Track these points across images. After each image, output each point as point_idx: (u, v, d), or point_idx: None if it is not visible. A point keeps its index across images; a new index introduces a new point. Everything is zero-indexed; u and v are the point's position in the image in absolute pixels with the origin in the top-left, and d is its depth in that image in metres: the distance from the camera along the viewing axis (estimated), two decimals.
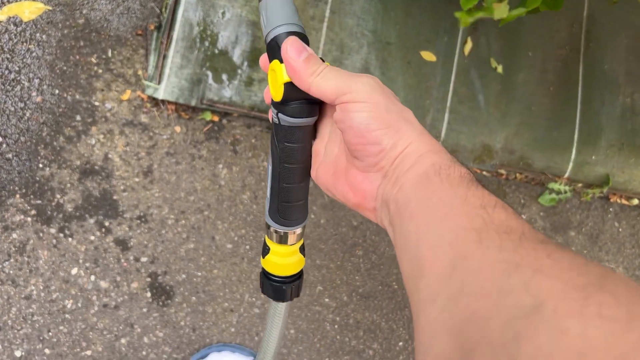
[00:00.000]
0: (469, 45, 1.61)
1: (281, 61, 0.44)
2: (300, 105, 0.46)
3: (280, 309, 0.62)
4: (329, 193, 0.49)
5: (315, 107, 0.47)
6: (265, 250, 0.56)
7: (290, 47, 0.43)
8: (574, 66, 1.69)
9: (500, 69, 1.62)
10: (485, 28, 1.62)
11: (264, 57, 0.49)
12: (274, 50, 0.45)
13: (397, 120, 0.42)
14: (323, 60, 0.45)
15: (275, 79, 0.45)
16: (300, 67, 0.43)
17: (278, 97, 0.45)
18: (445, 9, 1.61)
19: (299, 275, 0.58)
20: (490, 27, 1.63)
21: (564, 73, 1.68)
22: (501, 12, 0.92)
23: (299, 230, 0.54)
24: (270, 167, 0.50)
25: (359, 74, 0.44)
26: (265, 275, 0.58)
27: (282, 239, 0.54)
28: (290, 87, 0.44)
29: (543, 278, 0.26)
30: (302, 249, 0.57)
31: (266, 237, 0.56)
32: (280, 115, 0.46)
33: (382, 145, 0.42)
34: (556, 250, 0.29)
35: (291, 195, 0.50)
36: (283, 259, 0.55)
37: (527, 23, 1.61)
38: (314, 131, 0.50)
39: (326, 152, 0.48)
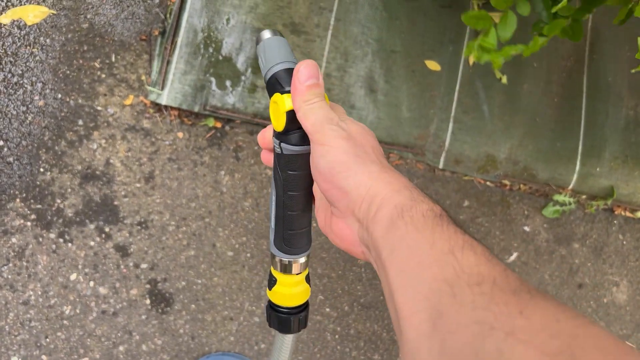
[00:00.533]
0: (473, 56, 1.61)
1: (282, 93, 0.46)
2: (301, 133, 0.48)
3: (287, 341, 0.61)
4: (324, 233, 0.50)
5: None
6: (272, 282, 0.56)
7: (305, 68, 0.45)
8: (578, 78, 1.69)
9: (504, 79, 1.63)
10: None
11: (261, 135, 0.53)
12: (274, 86, 0.48)
13: (356, 163, 0.43)
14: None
15: (277, 110, 0.47)
16: (301, 90, 0.45)
17: (280, 127, 0.47)
18: (450, 19, 1.62)
19: (305, 306, 0.58)
20: None
21: (568, 84, 1.68)
22: (533, 48, 0.93)
23: (303, 259, 0.54)
24: (274, 196, 0.51)
25: (338, 120, 0.45)
26: (271, 307, 0.57)
27: (287, 269, 0.54)
28: (291, 115, 0.46)
29: (516, 344, 0.26)
30: (307, 279, 0.57)
31: (272, 269, 0.56)
32: (282, 144, 0.48)
33: (345, 189, 0.43)
34: (529, 302, 0.29)
35: (296, 223, 0.51)
36: (289, 289, 0.55)
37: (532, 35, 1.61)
38: None
39: (320, 196, 0.50)
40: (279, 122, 0.47)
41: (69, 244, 1.37)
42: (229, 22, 1.49)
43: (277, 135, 0.49)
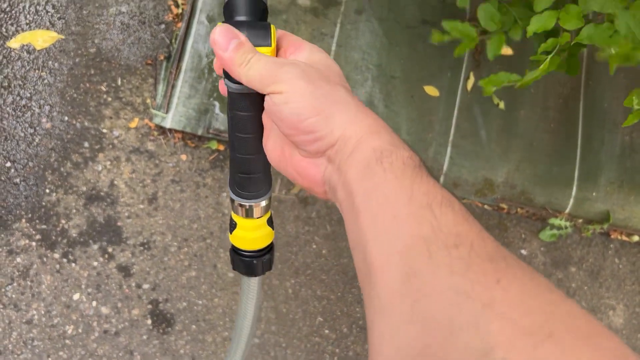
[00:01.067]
0: (471, 81, 1.66)
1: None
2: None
3: (252, 284, 0.59)
4: (281, 172, 0.46)
5: None
6: (232, 226, 0.54)
7: (220, 35, 0.41)
8: (574, 104, 1.73)
9: (502, 105, 1.67)
10: (487, 65, 1.67)
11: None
12: (224, 14, 0.45)
13: (327, 104, 0.39)
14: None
15: None
16: (230, 58, 0.41)
17: None
18: (449, 46, 1.66)
19: (269, 249, 0.56)
20: (493, 64, 1.68)
21: (564, 110, 1.73)
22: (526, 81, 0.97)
23: (264, 203, 0.52)
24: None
25: (285, 61, 0.42)
26: (234, 251, 0.56)
27: (248, 213, 0.51)
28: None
29: (494, 318, 0.26)
30: (270, 222, 0.55)
31: (232, 212, 0.54)
32: (226, 81, 0.44)
33: (316, 134, 0.39)
34: (505, 271, 0.29)
35: (247, 167, 0.49)
36: (251, 233, 0.53)
37: (529, 61, 1.66)
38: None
39: (273, 127, 0.45)
40: None
41: (73, 264, 1.40)
42: None
43: (224, 71, 0.44)
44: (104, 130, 1.47)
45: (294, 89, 0.39)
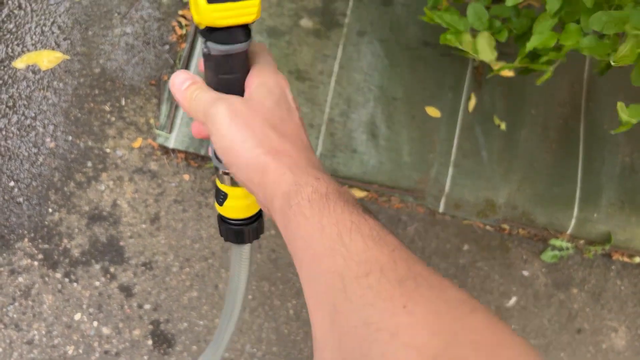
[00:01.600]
0: (473, 102, 1.68)
1: None
2: (234, 29, 0.42)
3: (244, 252, 0.59)
4: None
5: (249, 30, 0.44)
6: (221, 196, 0.54)
7: (174, 79, 0.47)
8: (574, 124, 1.75)
9: (503, 125, 1.69)
10: (489, 85, 1.69)
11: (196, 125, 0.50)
12: None
13: (247, 148, 0.42)
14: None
15: (195, 3, 0.41)
16: (183, 97, 0.46)
17: (204, 22, 0.41)
18: (450, 66, 1.68)
19: (258, 215, 0.56)
20: (494, 85, 1.71)
21: (565, 131, 1.74)
22: (485, 52, 0.98)
23: None
24: None
25: (220, 97, 0.44)
26: (223, 221, 0.56)
27: (235, 181, 0.52)
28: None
29: (399, 347, 0.28)
30: None
31: (217, 182, 0.54)
32: (209, 43, 0.43)
33: (242, 182, 0.43)
34: (413, 293, 0.30)
35: None
36: (242, 201, 0.53)
37: (529, 82, 1.68)
38: (248, 59, 0.46)
39: None
40: (197, 17, 0.41)
41: (74, 284, 1.41)
42: None
43: (202, 32, 0.43)
44: (108, 150, 1.48)
45: (217, 133, 0.43)
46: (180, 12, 1.59)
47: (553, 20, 0.84)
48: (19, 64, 1.48)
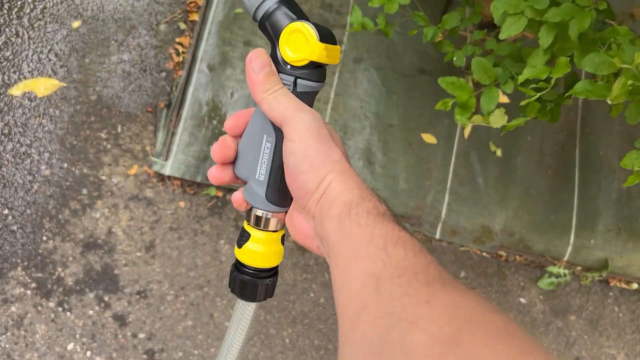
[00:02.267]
0: (468, 129, 1.69)
1: (296, 21, 0.46)
2: (322, 68, 0.47)
3: (248, 311, 0.55)
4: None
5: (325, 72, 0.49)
6: (244, 238, 0.52)
7: (256, 58, 0.46)
8: (570, 151, 1.77)
9: (499, 152, 1.70)
10: None
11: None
12: (281, 18, 0.46)
13: (323, 162, 0.45)
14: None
15: (303, 39, 0.45)
16: (259, 80, 0.46)
17: (309, 57, 0.46)
18: (446, 93, 1.70)
19: (273, 273, 0.54)
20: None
21: (561, 157, 1.76)
22: (498, 121, 0.98)
23: (282, 215, 0.52)
24: (268, 144, 0.49)
25: (303, 108, 0.46)
26: (237, 267, 0.53)
27: (266, 224, 0.51)
28: (323, 46, 0.45)
29: (416, 332, 0.31)
30: (282, 240, 0.54)
31: (245, 224, 0.53)
32: (299, 80, 0.47)
33: (306, 188, 0.45)
34: (438, 292, 0.33)
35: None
36: (263, 247, 0.51)
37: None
38: None
39: None
40: (305, 52, 0.45)
41: (68, 313, 1.40)
42: (233, 95, 1.57)
43: (296, 68, 0.46)
44: (103, 178, 1.48)
45: (301, 141, 0.45)
46: (177, 40, 1.61)
47: (545, 57, 0.86)
48: (15, 91, 1.49)
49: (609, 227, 1.73)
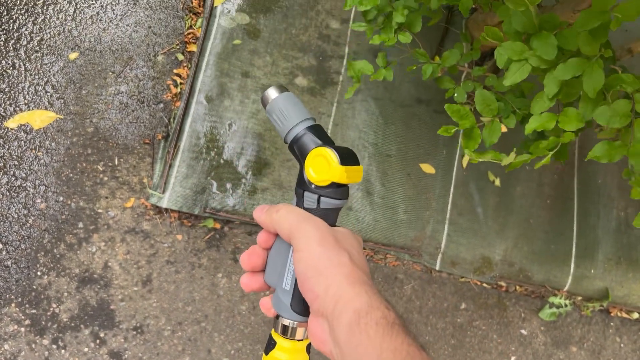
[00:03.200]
0: (467, 159, 1.70)
1: (321, 146, 0.51)
2: (344, 187, 0.52)
3: None
4: None
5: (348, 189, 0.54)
6: (270, 345, 0.54)
7: (259, 211, 0.53)
8: (569, 180, 1.78)
9: (497, 181, 1.71)
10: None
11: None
12: (307, 143, 0.53)
13: (326, 266, 0.47)
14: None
15: (325, 162, 0.51)
16: (263, 216, 0.52)
17: (330, 179, 0.51)
18: (444, 123, 1.71)
19: None
20: None
21: (560, 186, 1.77)
22: (509, 159, 0.99)
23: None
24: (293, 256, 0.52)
25: (308, 219, 0.50)
26: None
27: (292, 332, 0.53)
28: (343, 169, 0.50)
29: None
30: (308, 349, 0.55)
31: (272, 331, 0.54)
32: (322, 199, 0.52)
33: (315, 292, 0.47)
34: None
35: None
36: (288, 356, 0.53)
37: (523, 137, 1.70)
38: None
39: None
40: (327, 174, 0.51)
41: (62, 350, 1.38)
42: (231, 127, 1.57)
43: (319, 188, 0.52)
44: (100, 211, 1.47)
45: (305, 249, 0.48)
46: (175, 71, 1.61)
47: (551, 102, 0.86)
48: (11, 123, 1.48)
49: (609, 256, 1.73)
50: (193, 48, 1.64)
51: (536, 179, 1.76)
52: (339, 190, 0.52)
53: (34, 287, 1.40)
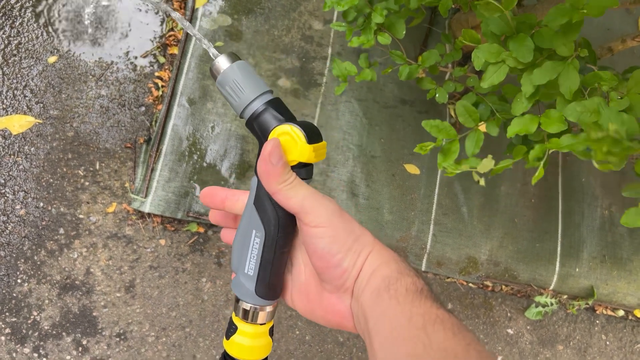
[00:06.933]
0: None
1: (284, 123, 0.48)
2: (310, 166, 0.50)
3: None
4: (309, 317, 0.52)
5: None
6: (231, 329, 0.53)
7: (275, 149, 0.47)
8: (553, 179, 1.81)
9: (482, 181, 1.73)
10: None
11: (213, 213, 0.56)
12: (269, 120, 0.48)
13: (355, 241, 0.47)
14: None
15: (293, 141, 0.47)
16: (277, 172, 0.47)
17: (301, 158, 0.48)
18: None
19: None
20: None
21: (544, 185, 1.79)
22: (487, 167, 1.01)
23: (271, 308, 0.53)
24: (257, 239, 0.50)
25: (321, 197, 0.48)
26: (225, 359, 0.53)
27: (254, 317, 0.52)
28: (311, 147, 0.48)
29: None
30: (271, 331, 0.54)
31: (233, 315, 0.53)
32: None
33: (343, 267, 0.47)
34: None
35: (284, 264, 0.51)
36: (250, 341, 0.52)
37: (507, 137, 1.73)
38: None
39: (293, 279, 0.53)
40: (294, 155, 0.47)
41: (44, 359, 1.37)
42: (214, 129, 1.58)
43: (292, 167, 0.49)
44: (81, 216, 1.47)
45: (331, 225, 0.47)
46: (156, 74, 1.62)
47: (529, 102, 0.88)
48: None
49: (594, 255, 1.76)
50: (175, 50, 1.65)
51: (521, 179, 1.78)
52: (304, 170, 0.49)
53: (14, 294, 1.40)
